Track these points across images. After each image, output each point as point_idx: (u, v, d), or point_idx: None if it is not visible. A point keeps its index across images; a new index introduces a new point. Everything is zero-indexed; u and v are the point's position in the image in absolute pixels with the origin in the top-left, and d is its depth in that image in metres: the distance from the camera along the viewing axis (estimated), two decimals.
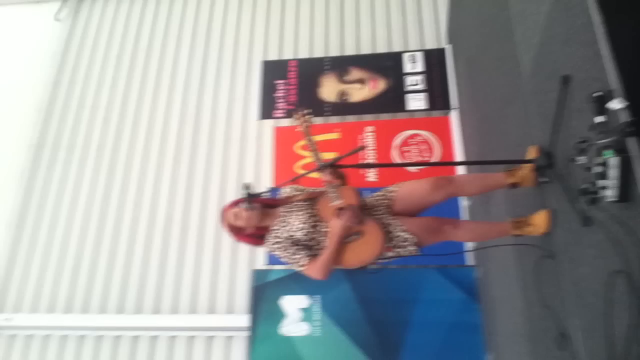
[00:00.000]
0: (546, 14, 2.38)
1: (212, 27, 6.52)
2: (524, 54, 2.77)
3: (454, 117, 5.12)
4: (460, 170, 4.54)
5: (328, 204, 2.57)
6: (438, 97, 5.26)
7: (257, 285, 4.66)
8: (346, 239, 2.52)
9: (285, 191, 2.80)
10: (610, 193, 1.66)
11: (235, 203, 2.72)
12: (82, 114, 6.29)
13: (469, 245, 3.70)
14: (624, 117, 1.67)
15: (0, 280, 5.52)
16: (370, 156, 5.14)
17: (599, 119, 1.84)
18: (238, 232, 2.75)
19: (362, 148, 2.74)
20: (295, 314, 4.47)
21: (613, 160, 1.63)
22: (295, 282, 4.53)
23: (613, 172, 1.63)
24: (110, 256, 5.46)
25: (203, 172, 5.68)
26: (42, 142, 6.16)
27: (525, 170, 2.52)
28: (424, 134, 5.16)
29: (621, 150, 1.65)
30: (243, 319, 4.69)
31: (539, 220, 2.45)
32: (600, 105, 1.83)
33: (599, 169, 1.73)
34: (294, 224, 2.61)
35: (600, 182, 1.71)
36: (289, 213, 2.67)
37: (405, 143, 5.16)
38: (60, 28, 6.87)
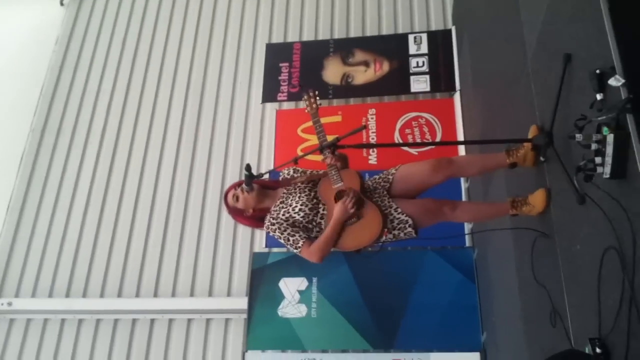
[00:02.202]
0: None
1: (217, 9, 6.46)
2: (529, 34, 2.74)
3: (457, 99, 5.07)
4: (461, 151, 4.51)
5: (329, 186, 2.56)
6: (442, 79, 5.20)
7: (256, 268, 4.66)
8: (345, 222, 2.50)
9: (286, 173, 2.79)
10: (605, 170, 1.63)
11: (237, 185, 2.73)
12: (85, 98, 6.24)
13: (467, 227, 3.69)
14: (622, 95, 1.64)
15: (1, 265, 5.48)
16: (372, 139, 5.10)
17: (599, 96, 1.81)
18: (238, 214, 2.77)
19: (364, 127, 2.72)
20: (294, 296, 4.48)
21: (610, 137, 1.60)
22: (294, 265, 4.53)
23: (609, 149, 1.60)
24: (109, 240, 5.44)
25: (205, 155, 5.65)
26: (44, 127, 6.13)
27: (525, 150, 2.49)
28: (427, 116, 5.11)
29: (619, 127, 1.62)
30: (241, 302, 4.69)
31: (537, 200, 2.44)
32: (600, 82, 1.81)
33: (596, 146, 1.70)
34: (293, 205, 2.60)
35: (597, 159, 1.68)
36: (289, 195, 2.66)
37: (407, 125, 5.12)
38: (65, 13, 6.82)
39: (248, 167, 2.58)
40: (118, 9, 6.74)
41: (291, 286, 4.52)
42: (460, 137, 4.86)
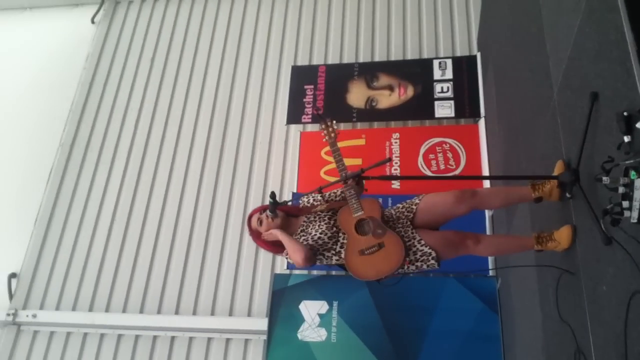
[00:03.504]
0: (578, 28, 2.35)
1: (244, 31, 6.59)
2: (555, 67, 2.74)
3: (481, 126, 5.07)
4: (485, 181, 4.49)
5: (349, 215, 2.58)
6: (467, 105, 5.21)
7: (277, 289, 4.69)
8: (366, 251, 2.51)
9: (306, 200, 2.81)
10: (632, 214, 1.62)
11: (261, 209, 2.77)
12: (113, 115, 6.40)
13: (491, 258, 3.67)
14: None
15: (27, 277, 5.60)
16: (395, 163, 5.12)
17: (627, 138, 1.80)
18: (260, 237, 2.79)
19: (389, 160, 2.73)
20: (314, 319, 4.49)
21: (638, 182, 1.60)
22: (314, 288, 4.55)
23: (637, 194, 1.59)
24: (133, 256, 5.53)
25: (229, 175, 5.73)
26: (73, 142, 6.28)
27: (551, 185, 2.49)
28: (451, 142, 5.12)
29: None
30: (261, 323, 4.72)
31: (562, 236, 2.42)
32: (628, 124, 1.80)
33: (623, 190, 1.69)
34: (312, 234, 2.63)
35: (624, 203, 1.67)
36: (310, 223, 2.69)
37: (431, 150, 5.12)
38: (96, 31, 7.02)
39: (273, 195, 2.62)
40: (147, 27, 6.91)
41: (312, 309, 4.52)
42: (485, 163, 4.85)
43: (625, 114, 1.80)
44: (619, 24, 1.86)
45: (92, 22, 7.12)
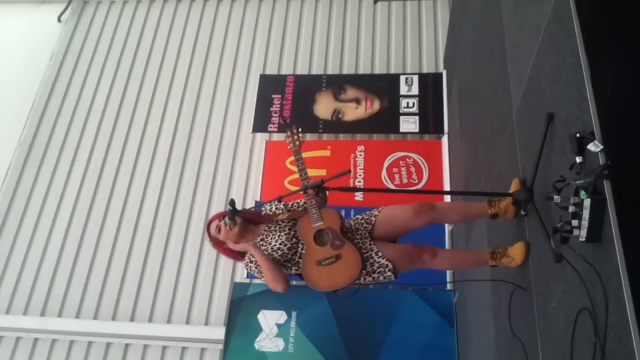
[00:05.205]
0: (538, 51, 2.42)
1: (214, 37, 6.56)
2: (515, 87, 2.81)
3: (444, 142, 5.15)
4: (446, 196, 4.56)
5: (309, 225, 2.58)
6: (431, 121, 5.31)
7: (235, 298, 4.64)
8: (323, 261, 2.51)
9: (268, 209, 2.80)
10: (581, 233, 1.67)
11: (221, 215, 2.74)
12: (75, 116, 6.27)
13: (449, 272, 3.72)
14: (601, 160, 1.69)
15: None
16: (359, 175, 5.15)
17: (578, 159, 1.86)
18: (219, 244, 2.77)
19: (349, 171, 2.76)
20: (272, 329, 4.45)
21: (587, 202, 1.64)
22: (274, 297, 4.51)
23: (586, 213, 1.64)
24: (89, 260, 5.41)
25: (192, 180, 5.68)
26: (33, 141, 6.13)
27: (506, 203, 2.54)
28: (414, 156, 5.19)
29: (595, 192, 1.67)
30: (218, 332, 4.65)
31: (516, 253, 2.47)
32: (580, 146, 1.85)
33: (573, 209, 1.74)
34: (272, 244, 2.62)
35: (573, 222, 1.72)
36: (270, 232, 2.69)
37: (395, 164, 5.18)
38: (62, 29, 6.89)
39: (232, 202, 2.60)
40: (115, 29, 6.82)
41: (270, 319, 4.49)
42: (446, 179, 4.94)
43: (578, 135, 1.86)
44: (575, 49, 1.92)
45: (59, 20, 6.99)
